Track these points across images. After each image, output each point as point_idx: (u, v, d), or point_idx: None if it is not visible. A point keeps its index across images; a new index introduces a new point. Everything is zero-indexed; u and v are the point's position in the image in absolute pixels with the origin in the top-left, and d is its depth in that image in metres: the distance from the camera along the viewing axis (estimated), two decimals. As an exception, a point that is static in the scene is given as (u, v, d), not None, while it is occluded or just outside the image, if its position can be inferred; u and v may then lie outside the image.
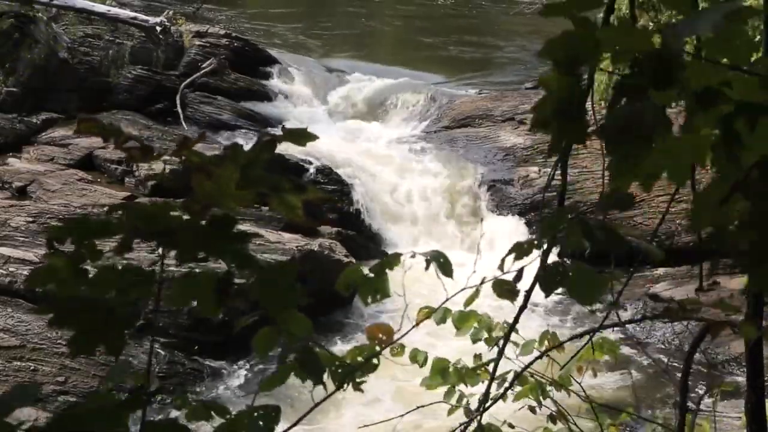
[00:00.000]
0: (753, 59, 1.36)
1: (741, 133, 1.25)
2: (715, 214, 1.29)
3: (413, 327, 2.03)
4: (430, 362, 3.33)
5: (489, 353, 3.23)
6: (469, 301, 1.91)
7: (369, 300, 1.83)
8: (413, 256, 1.88)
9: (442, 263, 1.84)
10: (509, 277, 1.76)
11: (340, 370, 1.74)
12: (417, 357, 3.37)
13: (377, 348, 1.95)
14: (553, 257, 1.69)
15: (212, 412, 1.54)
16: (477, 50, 15.63)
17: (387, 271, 1.82)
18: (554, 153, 1.46)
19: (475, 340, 3.31)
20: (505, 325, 3.37)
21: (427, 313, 2.67)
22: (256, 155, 1.34)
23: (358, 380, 1.80)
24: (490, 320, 3.34)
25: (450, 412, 3.27)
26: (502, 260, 1.65)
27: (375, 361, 1.87)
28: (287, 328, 1.49)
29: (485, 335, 3.32)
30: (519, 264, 1.67)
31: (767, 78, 1.24)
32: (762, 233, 1.26)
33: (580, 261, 1.58)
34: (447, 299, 2.07)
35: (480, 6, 19.01)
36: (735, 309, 1.81)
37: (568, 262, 1.58)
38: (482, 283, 1.83)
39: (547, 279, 1.56)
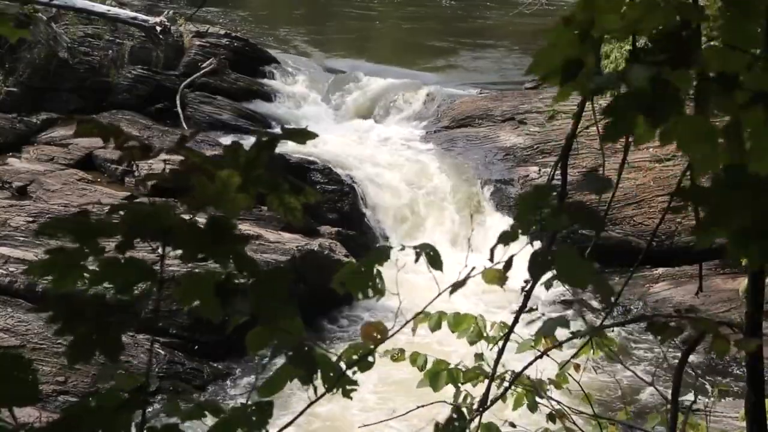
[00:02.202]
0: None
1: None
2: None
3: (404, 325, 2.03)
4: (430, 364, 3.33)
5: (490, 352, 3.24)
6: (455, 289, 1.89)
7: (360, 296, 1.80)
8: (402, 249, 1.87)
9: (431, 256, 1.83)
10: (500, 267, 1.75)
11: (331, 374, 1.69)
12: (417, 360, 3.36)
13: (371, 346, 1.94)
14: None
15: (206, 413, 1.53)
16: (477, 50, 15.63)
17: (379, 267, 1.80)
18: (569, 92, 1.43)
19: (472, 342, 3.32)
20: (502, 324, 3.39)
21: (422, 318, 2.66)
22: (256, 155, 1.34)
23: (348, 387, 1.73)
24: (485, 321, 3.35)
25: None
26: (492, 249, 1.64)
27: (370, 359, 1.86)
28: (280, 326, 1.49)
29: (483, 336, 3.32)
30: (510, 253, 1.67)
31: None
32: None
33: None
34: (438, 294, 2.06)
35: (481, 6, 19.01)
36: (733, 325, 1.81)
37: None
38: (471, 272, 1.82)
39: (534, 264, 1.56)
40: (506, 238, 1.60)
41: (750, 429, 2.28)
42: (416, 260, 1.83)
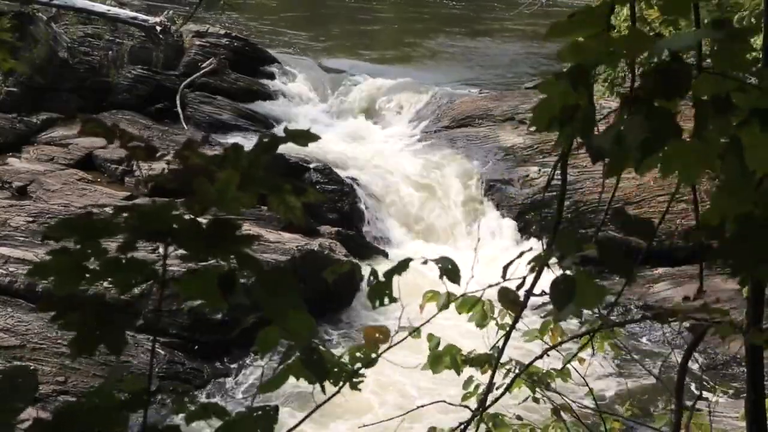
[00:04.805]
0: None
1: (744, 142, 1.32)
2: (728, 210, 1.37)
3: (408, 335, 2.04)
4: (442, 347, 3.37)
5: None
6: (465, 308, 1.93)
7: (377, 304, 1.84)
8: (425, 263, 1.89)
9: (450, 270, 1.85)
10: (510, 283, 1.77)
11: (336, 369, 1.75)
12: (431, 341, 3.42)
13: (374, 348, 1.96)
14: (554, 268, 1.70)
15: (212, 414, 1.53)
16: (478, 50, 15.63)
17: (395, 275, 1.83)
18: (558, 149, 1.53)
19: (480, 326, 3.32)
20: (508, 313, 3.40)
21: (432, 297, 2.68)
22: (257, 156, 1.34)
23: (355, 380, 1.81)
24: (492, 305, 3.35)
25: (464, 398, 3.32)
26: (505, 268, 1.66)
27: (374, 355, 1.89)
28: (290, 327, 1.50)
29: (488, 319, 3.34)
30: (518, 268, 1.68)
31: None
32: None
33: (581, 267, 1.60)
34: (438, 311, 2.08)
35: (481, 7, 19.01)
36: (723, 313, 1.82)
37: (569, 272, 1.59)
38: (485, 289, 1.84)
39: (558, 296, 1.58)
40: (535, 266, 1.62)
41: (750, 429, 2.28)
42: (441, 277, 1.87)
